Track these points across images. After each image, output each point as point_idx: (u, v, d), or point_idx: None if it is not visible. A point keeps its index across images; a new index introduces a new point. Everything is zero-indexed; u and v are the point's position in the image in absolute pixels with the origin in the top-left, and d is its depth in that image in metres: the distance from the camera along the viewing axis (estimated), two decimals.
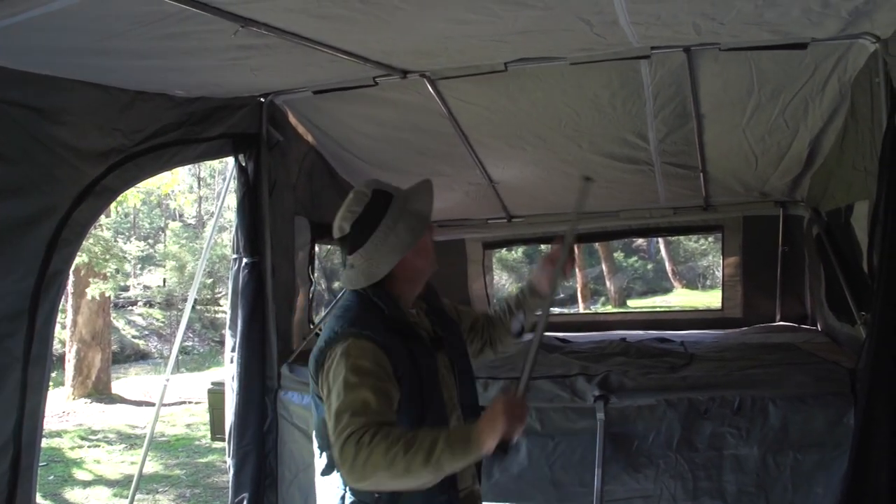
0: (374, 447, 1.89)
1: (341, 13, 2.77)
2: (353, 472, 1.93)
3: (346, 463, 1.93)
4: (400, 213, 2.28)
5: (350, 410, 1.98)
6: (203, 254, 6.19)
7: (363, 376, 2.04)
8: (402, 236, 2.25)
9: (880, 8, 2.81)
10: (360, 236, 2.26)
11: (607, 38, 3.30)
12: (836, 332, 4.94)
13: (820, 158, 4.69)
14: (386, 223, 2.25)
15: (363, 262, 2.27)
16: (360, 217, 2.26)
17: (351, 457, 1.92)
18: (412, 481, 1.94)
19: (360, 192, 2.32)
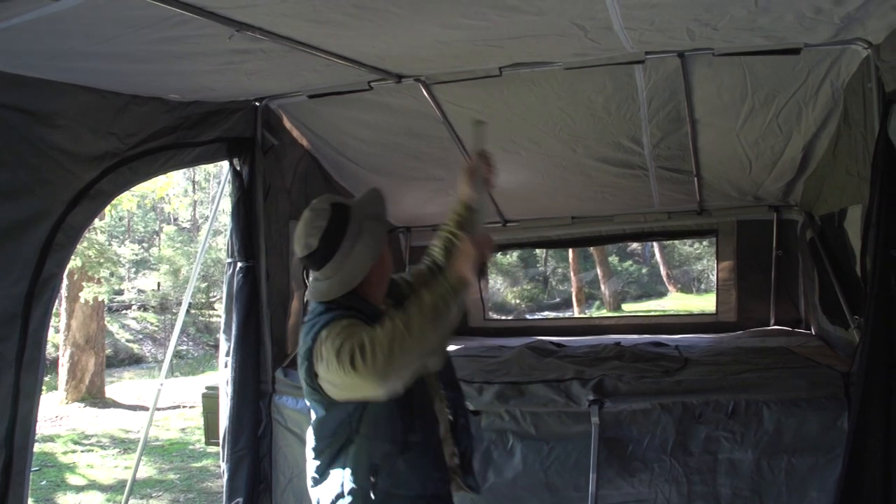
0: (382, 338, 2.00)
1: (336, 18, 2.77)
2: (377, 368, 1.98)
3: (368, 367, 1.99)
4: (361, 222, 2.38)
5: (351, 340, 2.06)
6: (198, 257, 6.18)
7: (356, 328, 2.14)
8: (369, 242, 2.36)
9: (872, 14, 2.82)
10: (329, 249, 2.33)
11: (601, 43, 3.31)
12: (830, 335, 4.95)
13: (813, 163, 4.71)
14: (352, 232, 2.34)
15: (335, 273, 2.35)
16: (326, 230, 2.33)
17: (369, 357, 1.98)
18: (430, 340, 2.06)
19: (318, 209, 2.39)
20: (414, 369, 2.09)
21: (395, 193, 5.99)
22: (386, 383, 2.02)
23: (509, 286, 25.77)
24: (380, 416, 2.30)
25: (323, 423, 2.38)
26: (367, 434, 2.31)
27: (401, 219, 6.83)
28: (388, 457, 2.31)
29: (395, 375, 2.03)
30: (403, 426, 2.32)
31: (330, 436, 2.36)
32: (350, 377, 2.03)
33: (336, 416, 2.33)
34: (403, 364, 2.02)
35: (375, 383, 2.01)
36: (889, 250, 2.95)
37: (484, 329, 7.12)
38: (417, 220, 6.83)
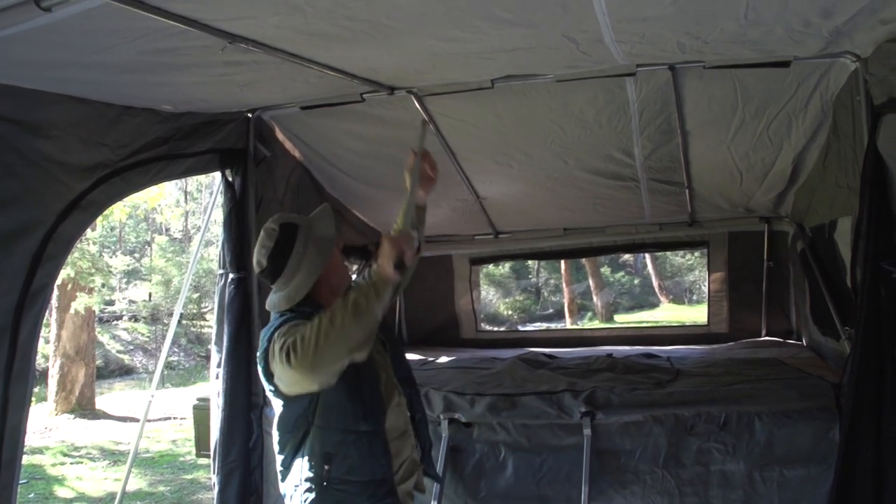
0: (308, 333, 2.12)
1: (329, 30, 2.78)
2: (304, 363, 2.11)
3: (296, 361, 2.11)
4: (307, 240, 2.57)
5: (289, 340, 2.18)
6: (189, 268, 6.16)
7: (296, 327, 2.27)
8: (313, 259, 2.56)
9: (859, 28, 2.85)
10: (277, 267, 2.55)
11: (593, 55, 3.32)
12: (821, 346, 4.96)
13: (803, 175, 4.73)
14: (297, 251, 2.55)
15: (284, 288, 2.55)
16: (273, 250, 2.55)
17: (298, 353, 2.11)
18: (353, 336, 2.15)
19: (269, 229, 2.60)
20: (341, 362, 2.19)
21: (387, 205, 5.99)
22: (315, 375, 2.15)
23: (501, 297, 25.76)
24: (333, 406, 2.46)
25: (283, 417, 2.52)
26: (321, 424, 2.48)
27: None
28: (340, 445, 2.47)
29: (322, 368, 2.14)
30: (354, 415, 2.48)
31: (290, 429, 2.51)
32: (287, 372, 2.17)
33: (294, 409, 2.48)
34: (329, 357, 2.14)
35: (307, 376, 2.14)
36: (879, 262, 2.96)
37: (476, 340, 7.12)
38: None
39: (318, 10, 2.53)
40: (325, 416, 2.47)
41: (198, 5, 2.45)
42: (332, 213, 2.75)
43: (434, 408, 4.13)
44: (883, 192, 2.97)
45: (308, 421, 2.48)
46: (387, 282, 2.28)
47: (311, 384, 2.19)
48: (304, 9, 2.51)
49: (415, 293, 7.25)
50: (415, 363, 5.50)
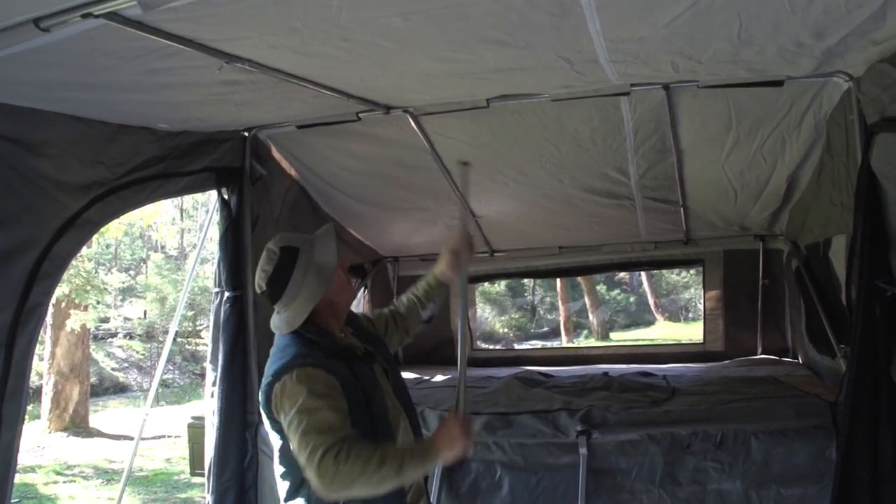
0: (352, 463, 2.13)
1: (325, 51, 2.79)
2: (334, 484, 2.15)
3: (326, 477, 2.14)
4: (307, 266, 2.54)
5: (316, 431, 2.20)
6: (185, 286, 6.16)
7: (319, 398, 2.27)
8: (312, 286, 2.51)
9: (851, 48, 2.87)
10: (276, 292, 2.53)
11: (587, 75, 3.34)
12: (817, 364, 4.96)
13: (798, 193, 4.74)
14: (295, 278, 2.51)
15: (284, 311, 2.53)
16: (272, 275, 2.53)
17: (331, 472, 2.13)
18: (380, 488, 2.21)
19: (269, 251, 2.58)
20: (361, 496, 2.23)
21: (383, 223, 6.01)
22: (330, 494, 2.20)
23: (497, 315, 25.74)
24: None
25: (285, 451, 2.43)
26: None
27: (388, 249, 6.83)
28: None
29: (344, 496, 2.22)
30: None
31: (293, 464, 2.38)
32: (305, 462, 2.19)
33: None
34: (357, 492, 2.19)
35: (325, 491, 2.18)
36: (873, 280, 2.96)
37: (472, 359, 7.09)
38: (405, 249, 6.84)
39: (314, 30, 2.55)
40: None
41: (195, 26, 2.47)
42: (334, 234, 2.71)
43: (430, 427, 4.12)
44: (877, 210, 2.98)
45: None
46: (435, 461, 2.36)
47: (316, 488, 2.20)
48: (300, 30, 2.53)
49: None
50: (410, 382, 5.47)
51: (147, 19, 2.33)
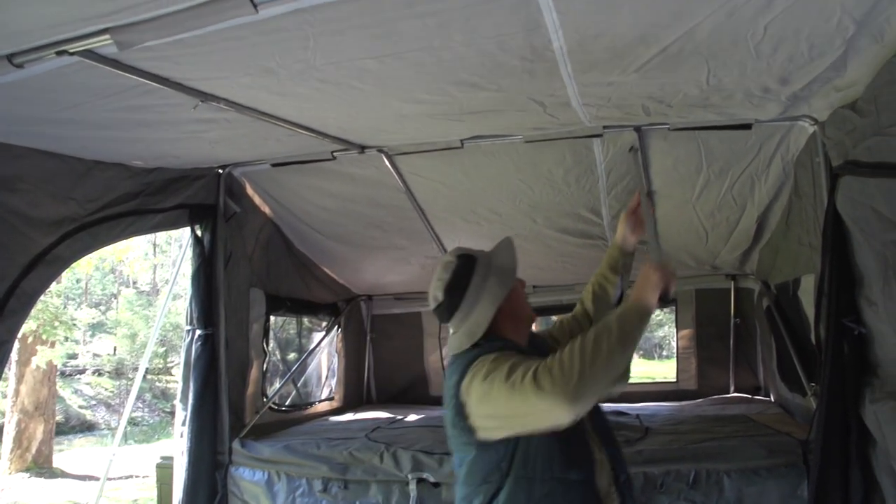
0: (562, 359, 1.95)
1: (300, 91, 2.81)
2: (568, 383, 1.91)
3: (557, 384, 1.91)
4: (487, 270, 2.39)
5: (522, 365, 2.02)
6: (156, 322, 6.09)
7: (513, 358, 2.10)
8: (493, 290, 2.35)
9: (815, 94, 2.94)
10: (454, 299, 2.37)
11: (560, 117, 3.39)
12: (789, 402, 4.99)
13: (767, 233, 4.80)
14: (475, 282, 2.37)
15: (463, 323, 2.36)
16: (450, 282, 2.38)
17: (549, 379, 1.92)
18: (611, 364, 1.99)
19: (446, 261, 2.45)
20: (602, 391, 2.00)
21: (357, 262, 6.01)
22: (577, 405, 1.92)
23: None
24: (538, 453, 2.16)
25: (472, 469, 2.24)
26: (522, 474, 2.17)
27: (362, 287, 6.82)
28: (546, 498, 2.15)
29: (586, 397, 1.94)
30: (562, 463, 2.18)
31: (481, 481, 2.22)
32: (537, 400, 1.93)
33: (487, 458, 2.20)
34: (594, 386, 1.95)
35: (566, 403, 1.91)
36: (841, 319, 2.99)
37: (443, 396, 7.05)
38: (378, 288, 6.84)
39: (289, 71, 2.57)
40: (527, 464, 2.16)
41: (171, 65, 2.47)
42: (513, 245, 2.56)
43: (402, 467, 4.08)
44: (843, 250, 3.01)
45: (502, 471, 2.17)
46: (650, 311, 2.24)
47: (566, 413, 1.91)
48: (275, 70, 2.55)
49: (383, 350, 7.21)
50: (383, 421, 5.45)
51: (122, 57, 2.34)
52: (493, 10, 2.09)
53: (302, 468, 4.34)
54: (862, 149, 2.71)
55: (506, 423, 2.11)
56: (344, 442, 4.49)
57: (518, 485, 2.16)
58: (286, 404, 5.74)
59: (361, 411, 6.39)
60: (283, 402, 5.69)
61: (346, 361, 6.72)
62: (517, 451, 2.17)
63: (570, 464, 2.19)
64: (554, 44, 2.36)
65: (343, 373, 6.65)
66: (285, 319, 5.98)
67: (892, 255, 2.51)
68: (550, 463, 2.17)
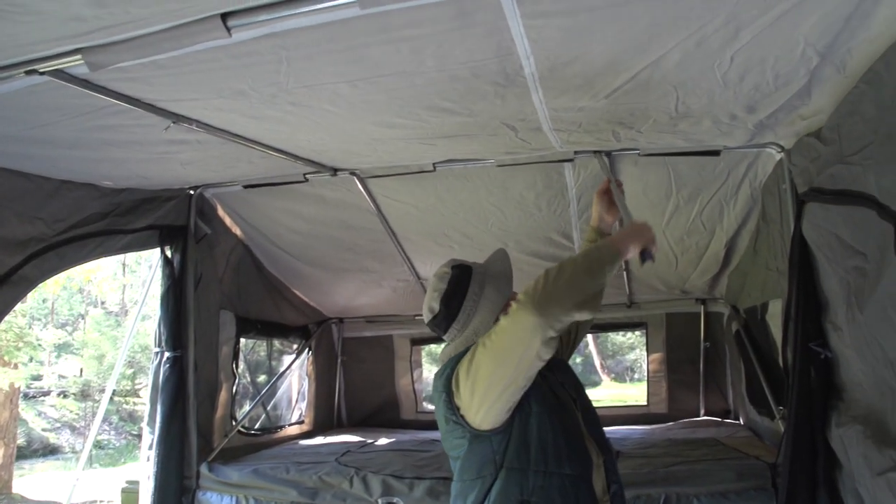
0: (540, 279, 2.07)
1: (272, 114, 2.81)
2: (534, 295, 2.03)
3: (522, 302, 2.04)
4: (483, 278, 2.41)
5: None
6: (124, 343, 6.01)
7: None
8: (492, 297, 2.37)
9: (782, 122, 3.00)
10: (451, 310, 2.37)
11: (532, 142, 3.41)
12: (758, 426, 5.03)
13: (736, 258, 4.86)
14: (473, 290, 2.38)
15: (460, 334, 2.37)
16: (447, 292, 2.38)
17: (522, 298, 2.04)
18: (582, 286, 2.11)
19: (441, 272, 2.45)
20: (568, 313, 2.06)
21: (328, 284, 5.98)
22: (543, 317, 2.00)
23: None
24: (531, 444, 2.18)
25: (466, 462, 2.25)
26: (515, 466, 2.17)
27: (333, 310, 6.79)
28: (541, 491, 2.14)
29: (549, 306, 2.02)
30: (557, 455, 2.19)
31: (475, 475, 2.22)
32: (507, 324, 2.07)
33: (481, 451, 2.21)
34: (557, 297, 2.04)
35: (533, 312, 2.00)
36: (808, 343, 3.03)
37: (417, 421, 7.02)
38: (350, 311, 6.82)
39: (262, 94, 2.57)
40: (521, 456, 2.17)
41: (143, 86, 2.46)
42: (507, 255, 2.60)
43: (372, 492, 4.05)
44: (809, 276, 3.06)
45: (496, 463, 2.18)
46: (621, 256, 2.32)
47: (535, 320, 2.00)
48: (248, 93, 2.55)
49: (354, 373, 7.18)
50: (353, 445, 5.41)
51: (94, 77, 2.33)
52: (466, 37, 2.11)
53: (271, 493, 4.29)
54: (825, 176, 2.77)
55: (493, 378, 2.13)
56: (313, 466, 4.45)
57: (511, 477, 2.16)
58: (256, 427, 5.68)
59: (332, 435, 6.34)
60: (252, 425, 5.63)
61: (317, 384, 6.68)
62: (510, 444, 2.18)
63: (566, 458, 2.19)
64: (525, 70, 2.39)
65: (313, 396, 6.60)
66: (255, 342, 5.93)
67: (855, 281, 2.55)
68: (545, 455, 2.17)
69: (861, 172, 2.41)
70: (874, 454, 2.40)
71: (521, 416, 2.20)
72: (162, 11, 1.84)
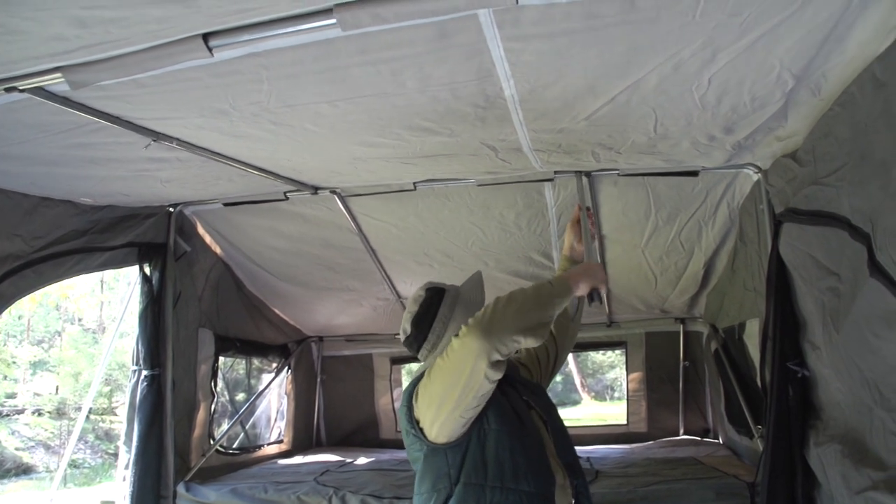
0: (490, 306, 2.15)
1: (253, 133, 2.81)
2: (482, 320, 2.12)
3: (472, 325, 2.12)
4: (455, 301, 2.47)
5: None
6: (102, 360, 5.94)
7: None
8: (460, 319, 2.41)
9: (759, 143, 3.04)
10: (422, 331, 2.45)
11: (512, 162, 3.44)
12: (737, 445, 5.05)
13: (714, 278, 4.90)
14: (443, 312, 2.45)
15: (430, 354, 2.44)
16: (418, 314, 2.47)
17: (472, 322, 2.13)
18: (529, 314, 2.18)
19: (416, 295, 2.56)
20: (512, 333, 2.12)
21: (308, 303, 5.96)
22: (488, 340, 2.07)
23: None
24: (488, 462, 2.21)
25: (423, 474, 2.31)
26: (474, 482, 2.20)
27: (313, 328, 6.77)
28: None
29: (494, 330, 2.09)
30: (515, 473, 2.20)
31: (430, 488, 2.26)
32: (458, 346, 2.12)
33: (436, 465, 2.26)
34: (503, 322, 2.11)
35: (479, 336, 2.07)
36: (785, 363, 3.05)
37: (396, 441, 6.99)
38: (329, 329, 6.79)
39: (243, 113, 2.57)
40: (479, 471, 2.20)
41: (123, 104, 2.46)
42: (481, 278, 2.69)
43: None
44: (786, 295, 3.08)
45: (452, 477, 2.21)
46: (572, 292, 2.38)
47: (481, 344, 2.07)
48: (229, 112, 2.55)
49: (334, 392, 7.14)
50: (332, 465, 5.37)
51: (74, 95, 2.32)
52: (447, 59, 2.13)
53: None
54: (801, 197, 2.80)
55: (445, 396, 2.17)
56: (292, 486, 4.41)
57: (468, 492, 2.20)
58: (234, 447, 5.62)
59: (311, 454, 6.29)
60: (230, 444, 5.58)
61: (296, 403, 6.63)
62: (466, 459, 2.22)
63: (523, 476, 2.21)
64: (506, 92, 2.41)
65: (293, 415, 6.55)
66: (234, 360, 5.89)
67: (830, 302, 2.58)
68: (501, 472, 2.20)
69: (835, 194, 2.44)
70: (852, 473, 2.42)
71: (479, 433, 2.24)
72: (143, 31, 1.84)
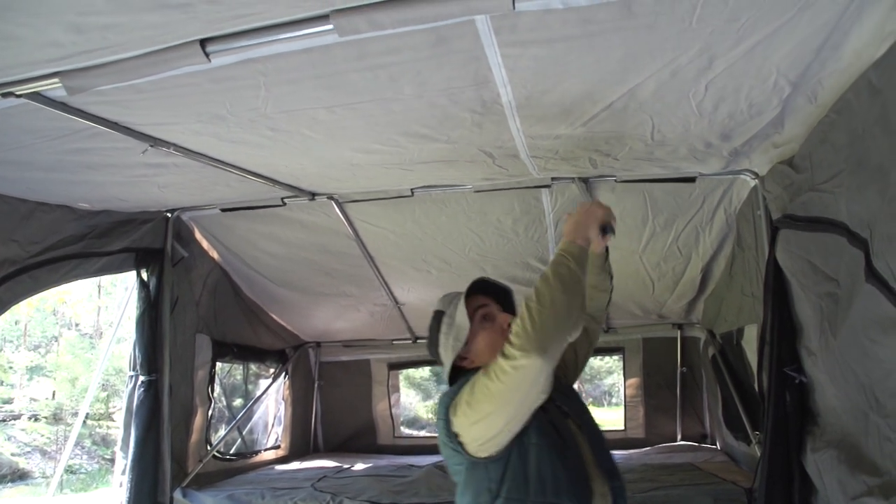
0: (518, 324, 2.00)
1: (251, 139, 2.81)
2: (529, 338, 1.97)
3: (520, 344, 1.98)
4: (449, 327, 2.41)
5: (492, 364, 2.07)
6: (99, 365, 5.92)
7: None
8: (452, 345, 2.36)
9: (756, 150, 3.05)
10: (434, 354, 2.45)
11: (509, 169, 3.44)
12: (734, 450, 5.04)
13: (712, 284, 4.90)
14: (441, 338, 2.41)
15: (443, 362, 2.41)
16: (429, 338, 2.46)
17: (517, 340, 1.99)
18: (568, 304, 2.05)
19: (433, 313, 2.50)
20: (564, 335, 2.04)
21: (305, 308, 5.95)
22: (545, 353, 1.97)
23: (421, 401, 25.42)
24: (530, 477, 2.15)
25: (464, 487, 2.25)
26: (515, 497, 2.14)
27: (310, 334, 6.76)
28: None
29: (549, 343, 1.98)
30: (556, 488, 2.15)
31: (471, 501, 2.21)
32: (512, 367, 2.00)
33: (478, 478, 2.19)
34: (553, 331, 2.00)
35: (536, 354, 1.96)
36: (783, 368, 3.05)
37: (394, 447, 6.98)
38: (327, 335, 6.78)
39: (240, 119, 2.57)
40: (518, 487, 2.13)
41: (121, 109, 2.46)
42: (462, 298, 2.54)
43: None
44: (784, 301, 3.08)
45: (493, 492, 2.15)
46: (585, 248, 2.25)
47: (540, 363, 1.97)
48: (226, 118, 2.55)
49: (331, 398, 7.13)
50: (329, 471, 5.36)
51: (71, 101, 2.32)
52: (444, 65, 2.13)
53: None
54: (798, 203, 2.81)
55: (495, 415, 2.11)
56: (289, 492, 4.40)
57: None
58: (231, 452, 5.61)
59: (308, 460, 6.28)
60: (227, 450, 5.56)
61: (294, 409, 6.62)
62: (507, 474, 2.16)
63: (565, 491, 2.16)
64: (503, 98, 2.42)
65: (290, 420, 6.54)
66: (232, 366, 5.88)
67: (827, 307, 2.58)
68: (543, 487, 2.15)
69: (832, 200, 2.44)
70: (848, 479, 2.42)
71: (521, 447, 2.17)
72: (140, 37, 1.84)
